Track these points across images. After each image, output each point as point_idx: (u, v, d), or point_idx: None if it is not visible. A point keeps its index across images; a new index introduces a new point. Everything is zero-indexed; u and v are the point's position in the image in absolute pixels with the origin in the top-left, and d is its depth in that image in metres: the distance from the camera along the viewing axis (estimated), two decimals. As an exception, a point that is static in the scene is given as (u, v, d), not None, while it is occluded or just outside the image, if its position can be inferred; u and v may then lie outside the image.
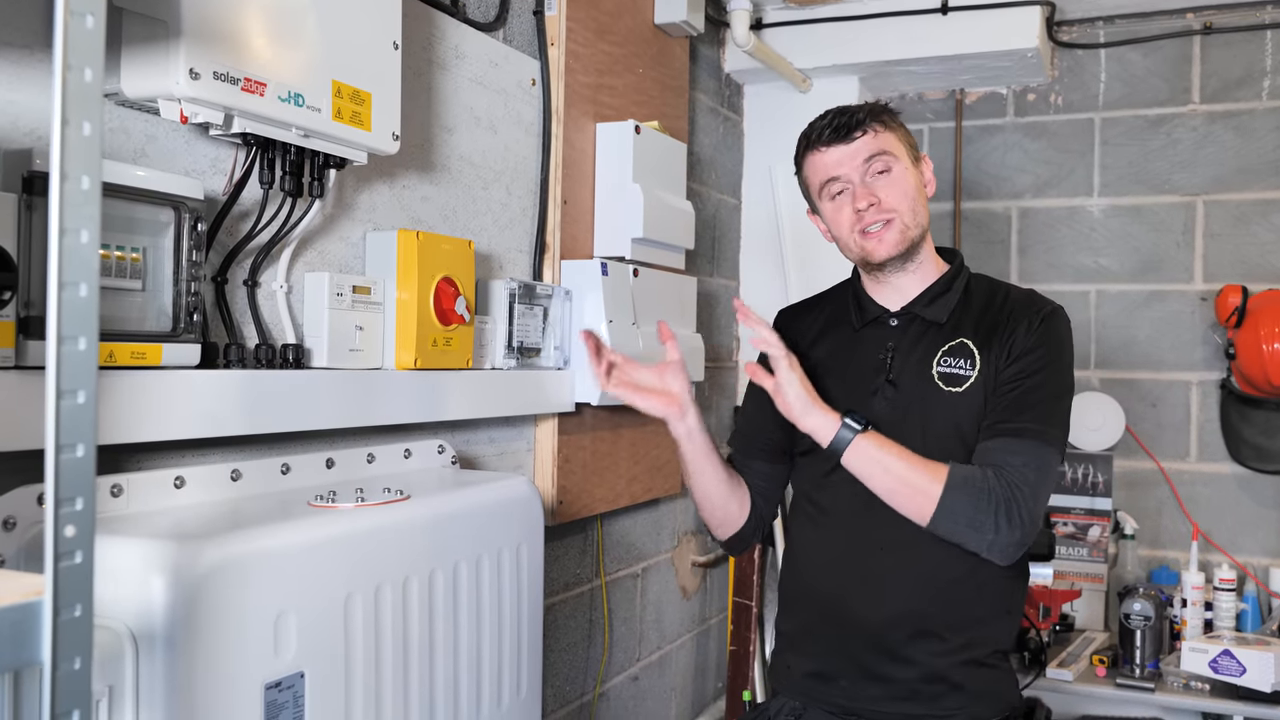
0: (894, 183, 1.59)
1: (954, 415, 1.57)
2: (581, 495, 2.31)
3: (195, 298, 1.33)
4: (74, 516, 0.76)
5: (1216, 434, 3.14)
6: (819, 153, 1.63)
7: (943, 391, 1.58)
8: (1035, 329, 1.58)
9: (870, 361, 1.64)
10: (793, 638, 1.71)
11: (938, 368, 1.59)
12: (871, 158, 1.59)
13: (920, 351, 1.62)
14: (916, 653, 1.56)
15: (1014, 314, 1.61)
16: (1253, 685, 2.45)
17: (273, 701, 1.16)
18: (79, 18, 0.75)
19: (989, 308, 1.63)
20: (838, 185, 1.62)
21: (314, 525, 1.28)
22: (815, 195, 1.67)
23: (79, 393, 0.76)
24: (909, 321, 1.65)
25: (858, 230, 1.61)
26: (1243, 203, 3.14)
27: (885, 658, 1.57)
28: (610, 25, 2.41)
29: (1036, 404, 1.53)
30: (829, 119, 1.63)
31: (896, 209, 1.59)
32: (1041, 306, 1.63)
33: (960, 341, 1.60)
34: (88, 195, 0.76)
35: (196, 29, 1.25)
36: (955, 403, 1.57)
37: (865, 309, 1.70)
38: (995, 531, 1.46)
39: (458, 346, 1.79)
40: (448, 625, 1.47)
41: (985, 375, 1.57)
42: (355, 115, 1.51)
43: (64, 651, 0.75)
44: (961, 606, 1.57)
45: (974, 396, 1.56)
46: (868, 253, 1.62)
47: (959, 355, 1.59)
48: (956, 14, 2.97)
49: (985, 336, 1.60)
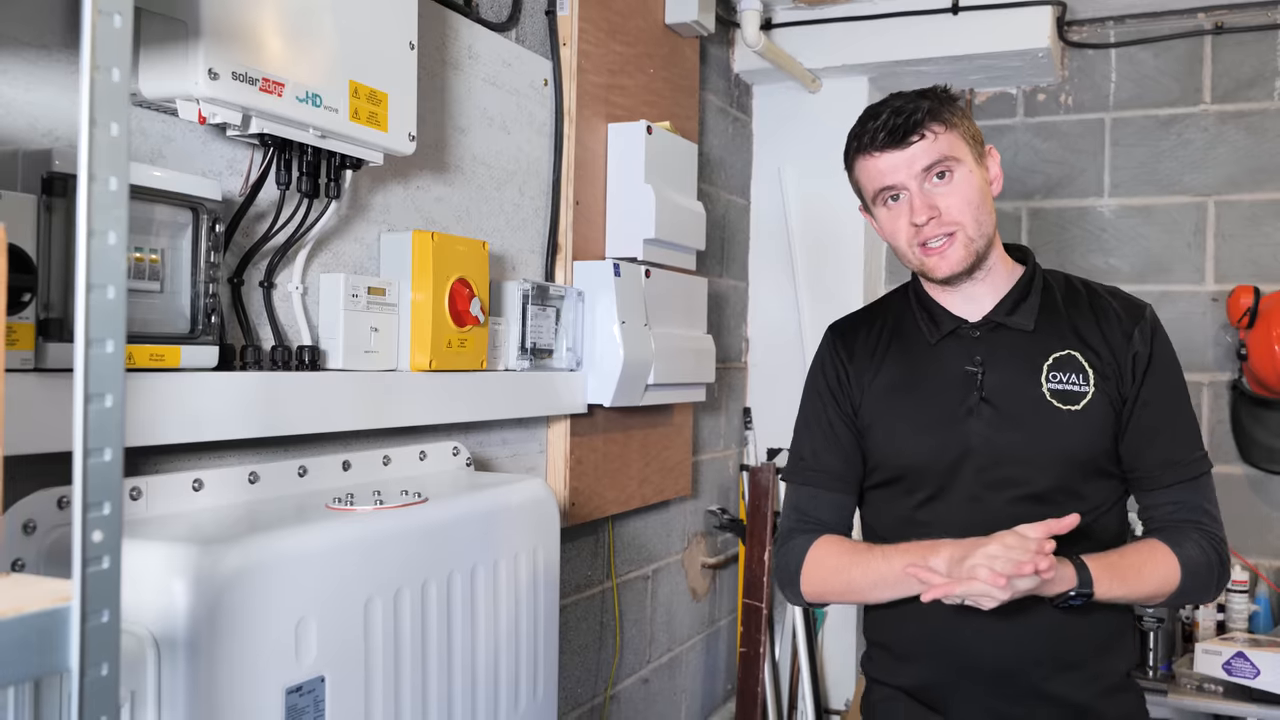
0: (956, 190, 1.43)
1: (1072, 436, 1.44)
2: (593, 497, 2.30)
3: (213, 299, 1.32)
4: (101, 521, 0.76)
5: (1228, 435, 3.13)
6: (871, 158, 1.45)
7: (1059, 410, 1.44)
8: (1149, 338, 1.48)
9: (955, 378, 1.48)
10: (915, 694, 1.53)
11: (1048, 384, 1.45)
12: (931, 166, 1.42)
13: (1016, 364, 1.47)
14: (1057, 687, 1.45)
15: (1118, 319, 1.49)
16: (1266, 688, 2.44)
17: (294, 706, 1.15)
18: (107, 17, 0.75)
19: (1078, 310, 1.51)
20: (893, 192, 1.46)
21: (333, 528, 1.27)
22: (869, 199, 1.51)
23: (107, 396, 0.75)
24: (991, 331, 1.50)
25: (917, 245, 1.45)
26: (1254, 203, 3.13)
27: (1027, 698, 1.46)
28: (622, 25, 2.40)
29: (1190, 430, 1.49)
30: (884, 118, 1.43)
31: (960, 221, 1.43)
32: (1141, 308, 1.51)
33: (1068, 354, 1.47)
34: (115, 197, 0.75)
35: (215, 29, 1.25)
36: (1073, 423, 1.43)
37: (939, 320, 1.52)
38: (1216, 591, 1.47)
39: (472, 348, 1.78)
40: (465, 628, 1.47)
41: (1106, 393, 1.45)
42: (372, 116, 1.50)
43: (92, 658, 0.75)
44: (1091, 632, 1.46)
45: (1094, 416, 1.44)
46: (929, 269, 1.47)
47: (1069, 369, 1.46)
48: (967, 14, 2.96)
49: (1093, 348, 1.47)
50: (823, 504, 1.57)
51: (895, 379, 1.53)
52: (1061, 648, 1.45)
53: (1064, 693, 1.45)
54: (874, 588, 1.46)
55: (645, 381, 2.30)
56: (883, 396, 1.52)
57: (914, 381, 1.52)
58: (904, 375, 1.53)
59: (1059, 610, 1.40)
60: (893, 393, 1.52)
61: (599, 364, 2.20)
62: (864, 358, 1.57)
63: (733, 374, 3.23)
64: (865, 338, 1.59)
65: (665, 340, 2.36)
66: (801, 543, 1.54)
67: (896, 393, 1.52)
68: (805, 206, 3.25)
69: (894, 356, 1.55)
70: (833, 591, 1.52)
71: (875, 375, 1.55)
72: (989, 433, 1.45)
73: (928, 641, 1.50)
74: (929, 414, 1.48)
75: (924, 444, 1.49)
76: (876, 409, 1.54)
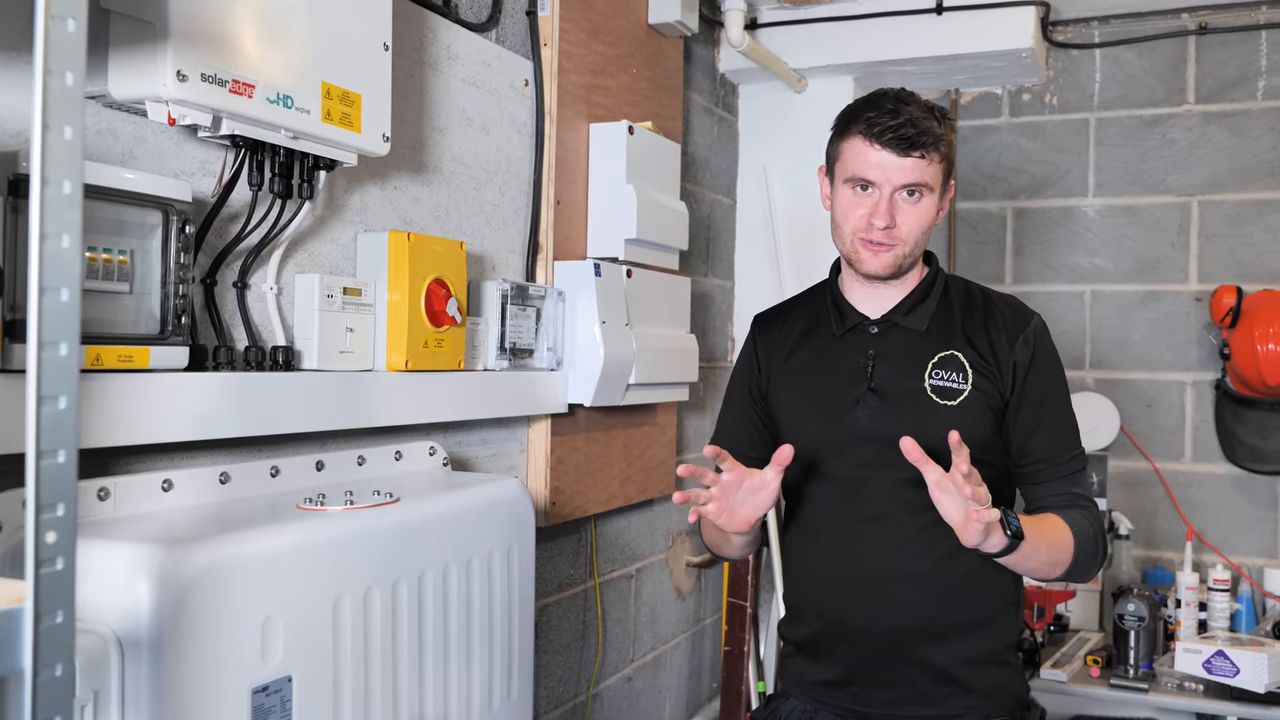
0: (917, 213, 1.54)
1: (945, 428, 1.51)
2: (575, 496, 2.31)
3: (184, 300, 1.32)
4: (55, 523, 0.76)
5: (1211, 434, 3.14)
6: (869, 147, 1.52)
7: (937, 405, 1.56)
8: (1031, 345, 1.60)
9: (850, 369, 1.62)
10: (801, 645, 1.69)
11: (930, 380, 1.57)
12: (912, 185, 1.52)
13: (904, 360, 1.60)
14: (926, 656, 1.56)
15: (1004, 326, 1.61)
16: (1246, 686, 2.45)
17: (260, 706, 1.16)
18: (60, 21, 0.75)
19: (971, 315, 1.63)
20: (867, 184, 1.55)
21: (302, 528, 1.28)
22: (839, 173, 1.59)
23: (60, 398, 0.75)
24: (888, 328, 1.63)
25: (860, 236, 1.56)
26: (1238, 203, 3.14)
27: (895, 663, 1.58)
28: (604, 25, 2.40)
29: (1069, 429, 1.63)
30: (902, 119, 1.50)
31: (906, 239, 1.55)
32: (1029, 317, 1.64)
33: (951, 354, 1.59)
34: (69, 200, 0.76)
35: (184, 31, 1.25)
36: (949, 417, 1.55)
37: (845, 315, 1.66)
38: (1098, 566, 1.61)
39: (449, 348, 1.79)
40: (437, 628, 1.47)
41: (984, 391, 1.57)
42: (345, 117, 1.51)
43: (45, 659, 0.75)
44: (967, 607, 1.58)
45: (969, 412, 1.56)
46: (860, 260, 1.58)
47: (950, 368, 1.58)
48: (951, 14, 2.97)
49: (977, 350, 1.59)
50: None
51: (801, 365, 1.68)
52: (938, 621, 1.56)
53: (934, 661, 1.56)
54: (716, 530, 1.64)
55: (627, 381, 2.31)
56: (790, 381, 1.66)
57: (816, 369, 1.66)
58: (809, 363, 1.67)
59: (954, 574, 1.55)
60: (798, 378, 1.67)
61: (580, 364, 2.20)
62: (778, 345, 1.72)
63: (718, 373, 3.23)
64: (781, 327, 1.74)
65: (647, 340, 2.36)
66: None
67: (801, 378, 1.67)
68: (791, 206, 3.25)
69: (804, 346, 1.69)
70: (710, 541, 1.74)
71: (785, 361, 1.69)
72: (872, 420, 1.58)
73: (824, 621, 1.64)
74: (824, 399, 1.62)
75: (817, 425, 1.63)
76: (783, 392, 1.69)
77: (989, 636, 1.60)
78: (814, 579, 1.66)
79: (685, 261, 2.74)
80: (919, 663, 1.57)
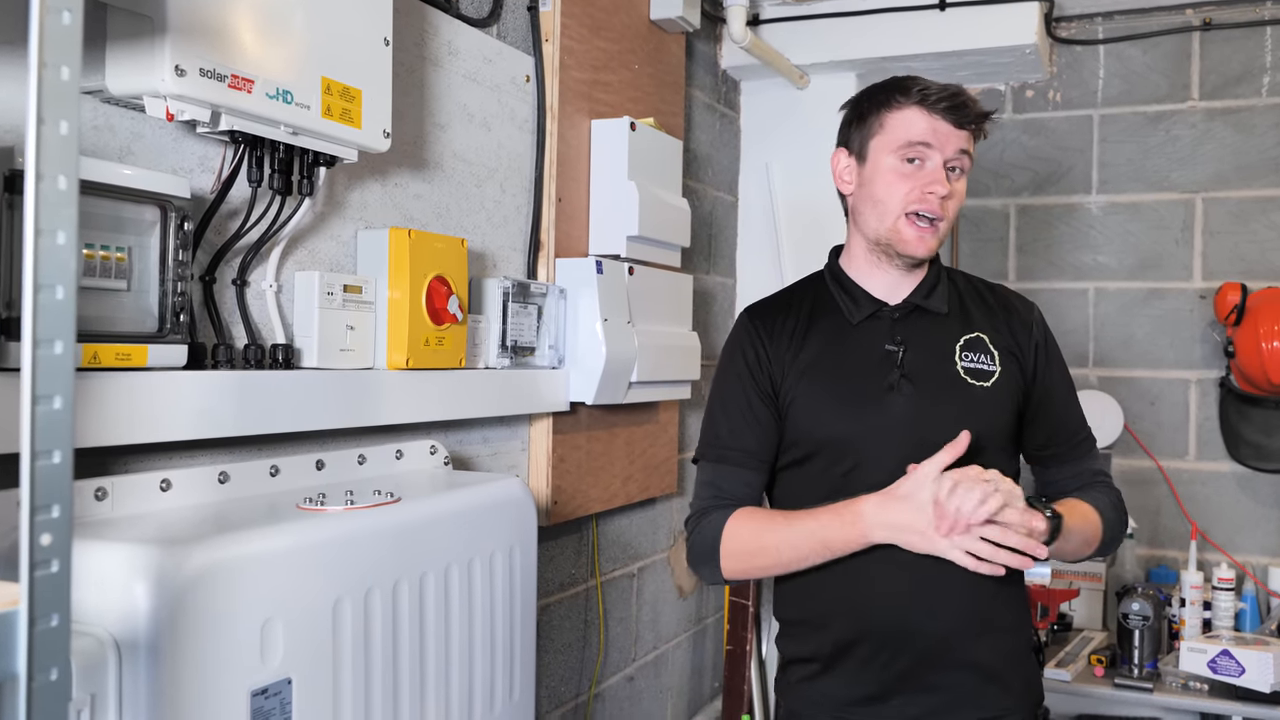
0: (958, 191, 1.53)
1: (985, 410, 1.54)
2: (576, 495, 2.30)
3: (182, 298, 1.31)
4: (50, 524, 0.74)
5: (1215, 432, 3.13)
6: (926, 114, 1.49)
7: (973, 387, 1.54)
8: (1043, 330, 1.63)
9: (875, 356, 1.54)
10: (825, 662, 1.56)
11: (962, 363, 1.54)
12: (964, 154, 1.51)
13: (933, 343, 1.55)
14: (974, 654, 1.51)
15: (1016, 311, 1.63)
16: (1251, 685, 2.43)
17: (259, 709, 1.14)
18: (55, 14, 0.74)
19: (981, 301, 1.63)
20: (925, 154, 1.50)
21: (302, 529, 1.26)
22: (882, 147, 1.52)
23: (55, 398, 0.74)
24: (909, 313, 1.58)
25: (909, 213, 1.50)
26: (1242, 200, 3.13)
27: (942, 665, 1.50)
28: (605, 21, 2.39)
29: (1080, 411, 1.68)
30: (955, 90, 1.50)
31: (949, 218, 1.52)
32: (1031, 303, 1.67)
33: (977, 335, 1.58)
34: (65, 196, 0.74)
35: (182, 25, 1.24)
36: (984, 398, 1.54)
37: (860, 302, 1.59)
38: (1119, 540, 1.64)
39: (450, 346, 1.77)
40: (438, 629, 1.46)
41: (1011, 374, 1.56)
42: (345, 112, 1.49)
43: (40, 662, 0.74)
44: (1008, 602, 1.55)
45: (1000, 393, 1.55)
46: (902, 242, 1.52)
47: (978, 350, 1.57)
48: (955, 10, 2.95)
49: (999, 333, 1.59)
50: (739, 481, 1.59)
51: (817, 357, 1.57)
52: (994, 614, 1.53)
53: (986, 658, 1.52)
54: (792, 548, 1.48)
55: (629, 379, 2.29)
56: (805, 374, 1.56)
57: (836, 360, 1.57)
58: (826, 354, 1.57)
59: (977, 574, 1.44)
60: (815, 371, 1.56)
61: (581, 362, 2.19)
62: (784, 338, 1.60)
63: (720, 371, 3.22)
64: (784, 320, 1.62)
65: (649, 338, 2.35)
66: (719, 517, 1.56)
67: (819, 371, 1.56)
68: (793, 203, 3.24)
69: (815, 337, 1.59)
70: (749, 552, 1.53)
71: (797, 354, 1.58)
72: (910, 407, 1.51)
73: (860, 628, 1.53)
74: (853, 390, 1.54)
75: (841, 418, 1.53)
76: (798, 386, 1.57)
77: (1023, 634, 1.60)
78: (845, 582, 1.52)
79: (687, 259, 2.73)
80: (967, 662, 1.51)
